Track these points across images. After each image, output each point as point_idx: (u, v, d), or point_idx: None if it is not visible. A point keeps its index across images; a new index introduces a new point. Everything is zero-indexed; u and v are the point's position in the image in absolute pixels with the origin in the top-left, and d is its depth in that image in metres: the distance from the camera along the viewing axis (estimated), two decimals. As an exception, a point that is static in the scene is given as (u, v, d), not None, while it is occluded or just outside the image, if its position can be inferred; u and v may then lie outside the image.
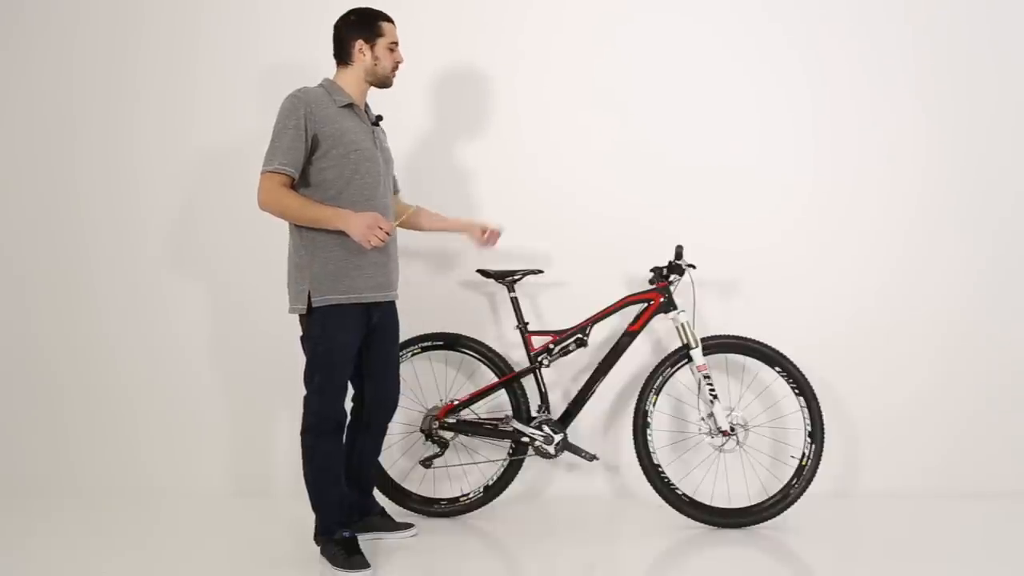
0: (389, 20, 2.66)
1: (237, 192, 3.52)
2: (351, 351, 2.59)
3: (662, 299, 3.03)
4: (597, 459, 3.04)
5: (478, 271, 3.16)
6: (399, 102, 3.49)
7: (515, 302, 3.09)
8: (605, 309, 3.08)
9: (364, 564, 2.52)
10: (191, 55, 3.51)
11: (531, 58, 3.44)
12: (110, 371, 3.52)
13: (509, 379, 3.09)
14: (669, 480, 2.98)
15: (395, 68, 2.67)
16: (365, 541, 2.68)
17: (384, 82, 2.67)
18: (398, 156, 3.48)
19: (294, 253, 2.58)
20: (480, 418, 3.13)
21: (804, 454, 2.94)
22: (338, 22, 2.65)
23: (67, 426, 3.53)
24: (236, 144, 3.49)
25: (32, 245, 3.56)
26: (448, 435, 3.10)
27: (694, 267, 3.08)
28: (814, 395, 2.95)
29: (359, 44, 2.58)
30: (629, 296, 3.09)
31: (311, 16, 3.46)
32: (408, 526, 2.90)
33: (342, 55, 2.63)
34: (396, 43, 2.66)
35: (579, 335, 3.05)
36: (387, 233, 2.45)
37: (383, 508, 2.95)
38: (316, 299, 2.51)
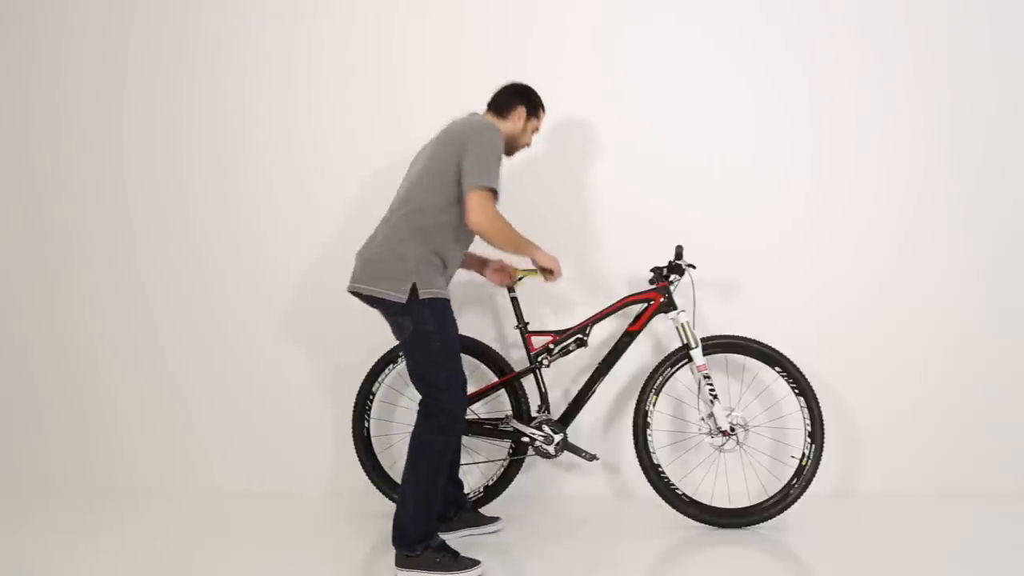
0: (545, 112, 2.85)
1: (236, 192, 3.54)
2: (459, 343, 2.60)
3: (662, 299, 3.03)
4: (597, 459, 3.04)
5: (478, 271, 3.16)
6: (402, 103, 3.51)
7: (515, 302, 3.09)
8: (605, 309, 3.08)
9: (474, 561, 2.47)
10: (180, 55, 3.53)
11: (533, 60, 3.44)
12: (108, 370, 3.53)
13: (509, 379, 3.09)
14: (669, 480, 2.98)
15: (522, 148, 2.85)
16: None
17: (510, 148, 2.80)
18: (402, 158, 3.51)
19: (396, 243, 2.50)
20: (480, 418, 3.13)
21: (804, 454, 2.94)
22: (516, 84, 2.79)
23: (63, 426, 3.54)
24: (230, 145, 3.50)
25: (31, 247, 3.56)
26: (448, 435, 3.10)
27: (694, 267, 3.08)
28: (814, 395, 2.95)
29: (521, 111, 2.75)
30: (629, 296, 3.09)
31: (301, 18, 3.49)
32: (495, 519, 2.92)
33: (501, 108, 2.75)
34: (538, 131, 2.86)
35: (579, 335, 3.05)
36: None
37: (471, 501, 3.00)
38: (424, 291, 2.46)
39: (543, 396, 3.08)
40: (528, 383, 3.10)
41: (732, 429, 2.95)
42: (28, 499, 3.35)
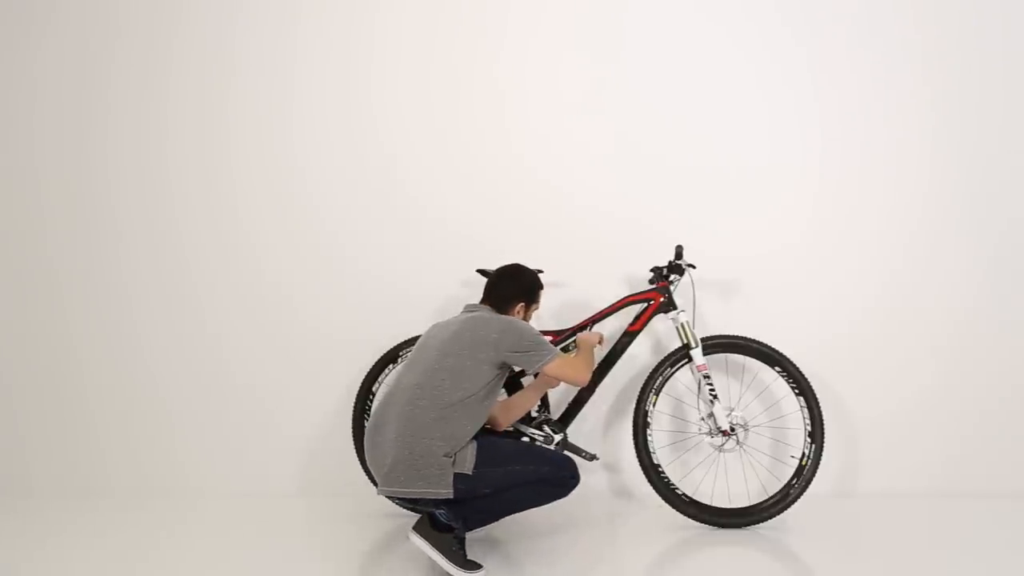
0: (543, 287, 2.91)
1: (221, 193, 3.54)
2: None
3: (662, 299, 3.03)
4: (597, 459, 3.04)
5: (478, 271, 3.15)
6: (379, 108, 3.51)
7: (515, 302, 3.09)
8: (605, 309, 3.08)
9: (478, 565, 2.48)
10: (166, 56, 3.55)
11: (536, 58, 3.44)
12: (101, 371, 3.53)
13: (510, 379, 3.09)
14: (669, 480, 2.98)
15: None
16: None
17: None
18: (381, 163, 3.50)
19: (429, 442, 2.46)
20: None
21: (804, 454, 2.94)
22: (505, 277, 2.83)
23: (45, 428, 3.54)
24: (214, 145, 3.51)
25: (11, 248, 3.57)
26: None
27: (694, 267, 3.08)
28: (814, 395, 2.95)
29: (519, 307, 2.81)
30: (629, 296, 3.09)
31: (287, 20, 3.49)
32: None
33: (500, 305, 2.78)
34: (539, 309, 2.94)
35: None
36: None
37: None
38: (467, 468, 2.48)
39: (543, 396, 3.07)
40: (528, 383, 3.10)
41: (732, 429, 2.95)
42: (9, 500, 3.35)
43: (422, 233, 3.44)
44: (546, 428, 3.01)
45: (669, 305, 3.03)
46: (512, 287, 2.82)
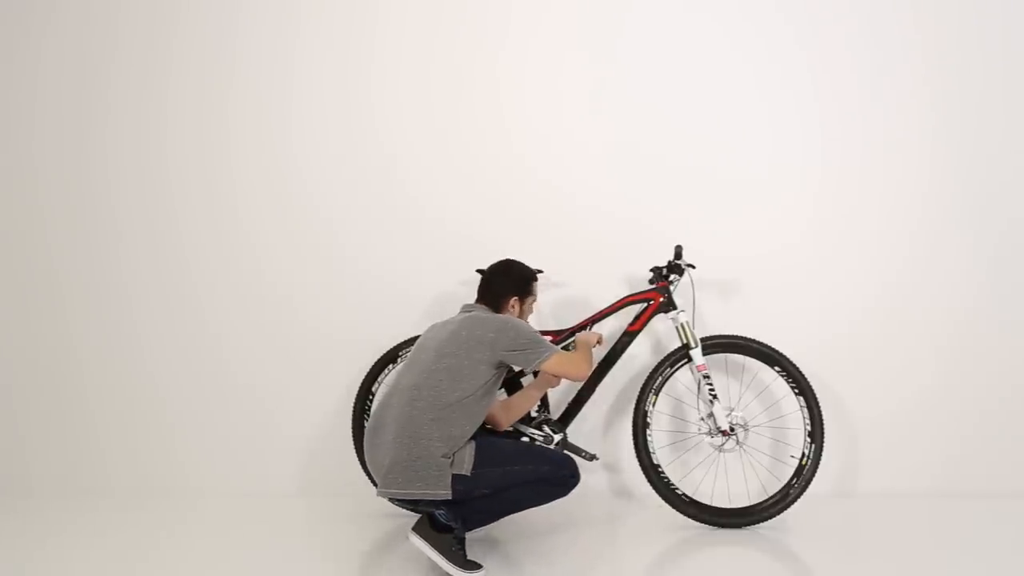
0: (536, 278, 2.92)
1: (221, 193, 3.54)
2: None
3: (662, 299, 3.03)
4: (597, 459, 3.04)
5: (478, 271, 3.15)
6: (407, 102, 3.51)
7: (515, 302, 3.09)
8: (605, 309, 3.08)
9: (478, 565, 2.47)
10: (166, 55, 3.55)
11: (537, 58, 3.44)
12: (106, 372, 3.53)
13: (509, 379, 3.09)
14: (669, 480, 2.98)
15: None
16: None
17: None
18: (400, 157, 3.49)
19: (427, 443, 2.46)
20: (480, 418, 3.12)
21: (804, 454, 2.94)
22: (497, 273, 2.83)
23: (46, 428, 3.54)
24: (214, 145, 3.51)
25: (10, 248, 3.57)
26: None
27: (693, 267, 3.08)
28: (814, 395, 2.95)
29: (513, 300, 2.81)
30: (629, 296, 3.09)
31: (287, 20, 3.49)
32: None
33: (494, 303, 2.78)
34: (536, 300, 2.93)
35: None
36: None
37: None
38: (465, 468, 2.47)
39: (543, 396, 3.07)
40: (528, 383, 3.10)
41: (732, 429, 2.95)
42: (9, 500, 3.35)
43: (422, 233, 3.44)
44: (546, 428, 3.01)
45: (669, 305, 3.03)
46: (503, 282, 2.82)
